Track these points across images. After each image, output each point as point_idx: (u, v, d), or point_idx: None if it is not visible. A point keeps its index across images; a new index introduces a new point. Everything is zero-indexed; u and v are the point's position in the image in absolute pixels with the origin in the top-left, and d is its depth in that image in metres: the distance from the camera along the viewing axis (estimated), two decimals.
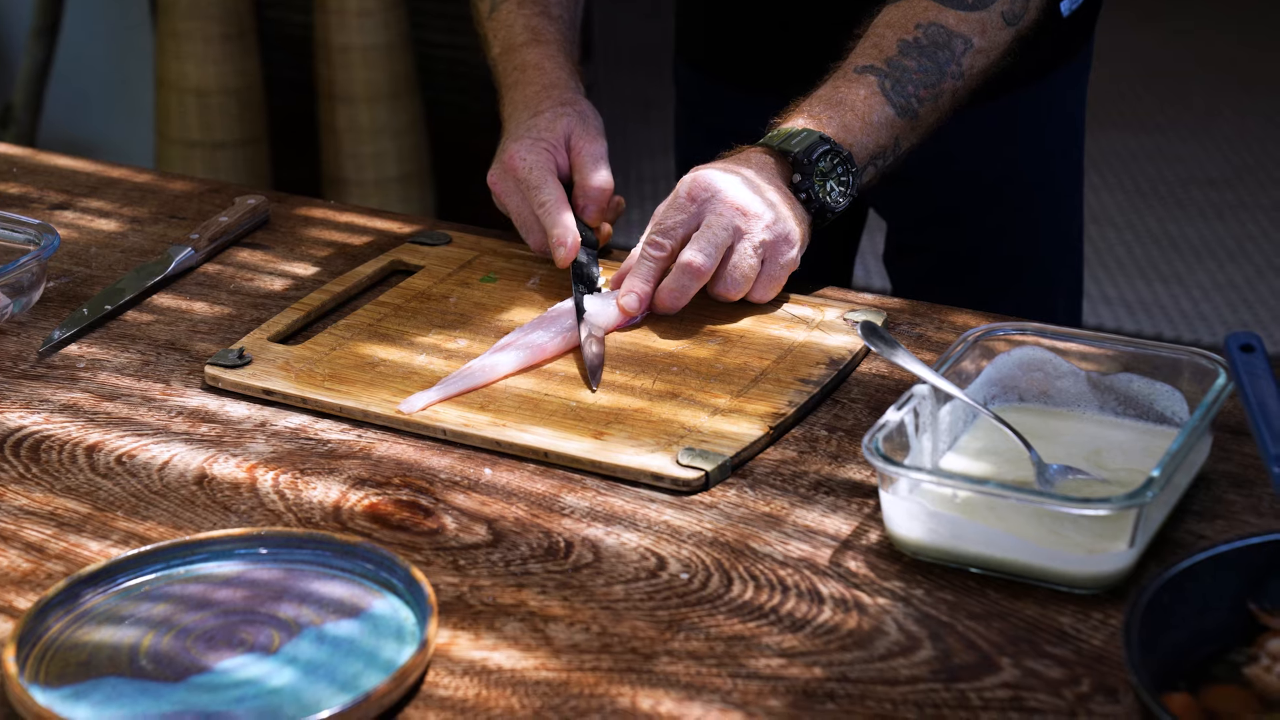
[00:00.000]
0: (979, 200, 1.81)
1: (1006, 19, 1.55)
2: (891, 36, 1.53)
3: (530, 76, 1.64)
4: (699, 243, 1.44)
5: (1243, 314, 3.68)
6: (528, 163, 1.55)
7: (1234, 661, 1.05)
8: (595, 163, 1.58)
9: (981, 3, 1.54)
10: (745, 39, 1.80)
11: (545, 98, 1.61)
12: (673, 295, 1.45)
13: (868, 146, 1.50)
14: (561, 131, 1.58)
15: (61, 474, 1.31)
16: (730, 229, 1.44)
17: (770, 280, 1.47)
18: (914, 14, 1.54)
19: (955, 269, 1.83)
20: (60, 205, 1.77)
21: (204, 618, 1.14)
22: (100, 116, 4.03)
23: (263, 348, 1.45)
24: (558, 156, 1.57)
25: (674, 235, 1.46)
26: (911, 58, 1.52)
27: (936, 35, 1.52)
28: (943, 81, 1.53)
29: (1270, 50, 5.08)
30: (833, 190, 1.48)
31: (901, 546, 1.19)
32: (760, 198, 1.45)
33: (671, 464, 1.28)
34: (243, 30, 3.41)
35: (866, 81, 1.51)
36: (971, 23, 1.53)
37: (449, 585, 1.17)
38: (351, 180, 3.45)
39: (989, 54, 1.55)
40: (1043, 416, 1.31)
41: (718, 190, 1.45)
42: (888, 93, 1.51)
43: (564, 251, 1.52)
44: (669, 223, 1.46)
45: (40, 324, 1.53)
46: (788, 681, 1.08)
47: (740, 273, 1.45)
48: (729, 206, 1.44)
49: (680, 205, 1.46)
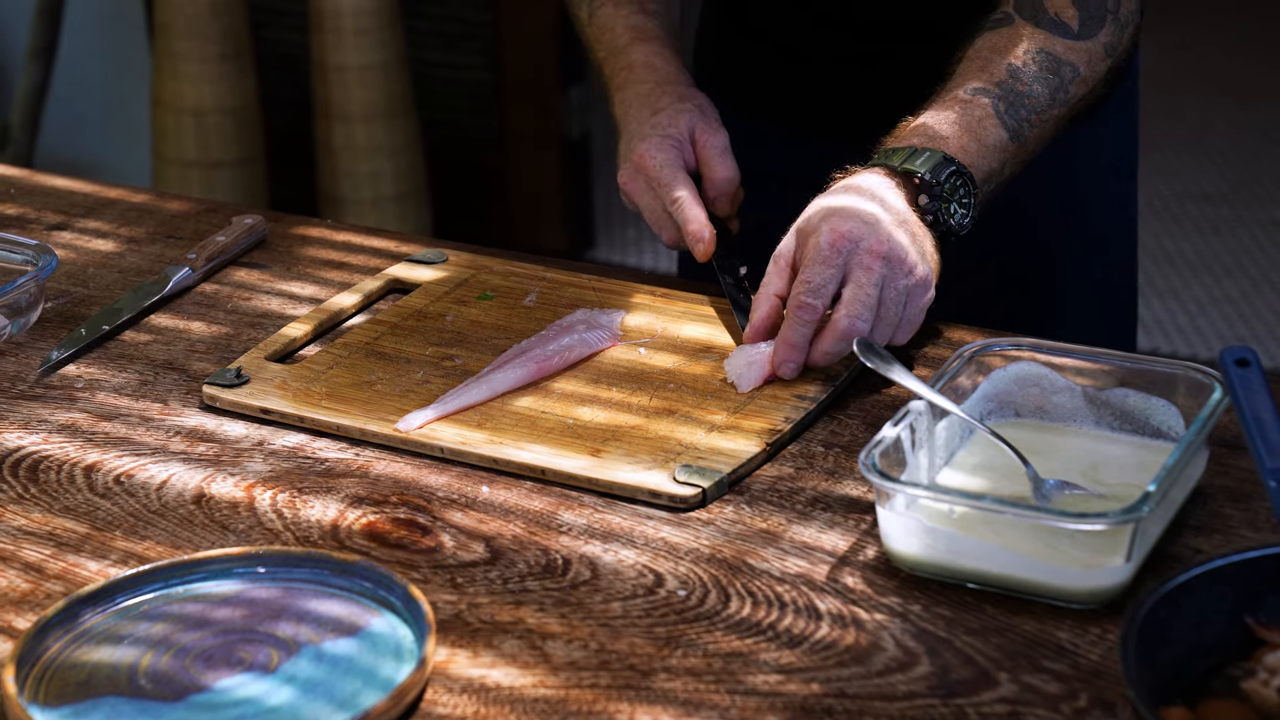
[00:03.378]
0: (1008, 241, 1.74)
1: (1108, 50, 1.53)
2: (1000, 61, 1.50)
3: (641, 75, 1.64)
4: (853, 306, 1.37)
5: (1238, 328, 3.68)
6: (658, 160, 1.56)
7: (1231, 676, 1.05)
8: (721, 155, 1.58)
9: (1088, 33, 1.51)
10: (759, 66, 1.80)
11: (662, 94, 1.61)
12: (828, 359, 1.39)
13: (983, 169, 1.46)
14: (685, 127, 1.58)
15: (60, 494, 1.31)
16: (879, 284, 1.38)
17: (910, 325, 1.41)
18: (1020, 40, 1.51)
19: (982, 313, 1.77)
20: (58, 226, 1.77)
21: (202, 637, 1.14)
22: (97, 137, 4.03)
23: (260, 367, 1.45)
24: (685, 152, 1.58)
25: (824, 295, 1.39)
26: (1023, 82, 1.49)
27: (1045, 62, 1.50)
28: (1052, 108, 1.50)
29: (1265, 65, 5.09)
30: (956, 213, 1.44)
31: (898, 562, 1.19)
32: (904, 240, 1.40)
33: (668, 481, 1.28)
34: (239, 50, 3.42)
35: (980, 104, 1.47)
36: (1079, 52, 1.51)
37: (447, 603, 1.17)
38: (348, 199, 3.45)
39: (1090, 84, 1.53)
40: (1039, 432, 1.31)
41: (860, 239, 1.39)
42: (1001, 115, 1.47)
43: (702, 246, 1.52)
44: (816, 281, 1.39)
45: (38, 344, 1.53)
46: (786, 698, 1.08)
47: (886, 323, 1.39)
48: (876, 258, 1.38)
49: (825, 259, 1.39)
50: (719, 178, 1.58)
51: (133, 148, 3.86)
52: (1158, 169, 4.43)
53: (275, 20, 3.73)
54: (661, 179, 1.56)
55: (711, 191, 1.58)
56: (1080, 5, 1.52)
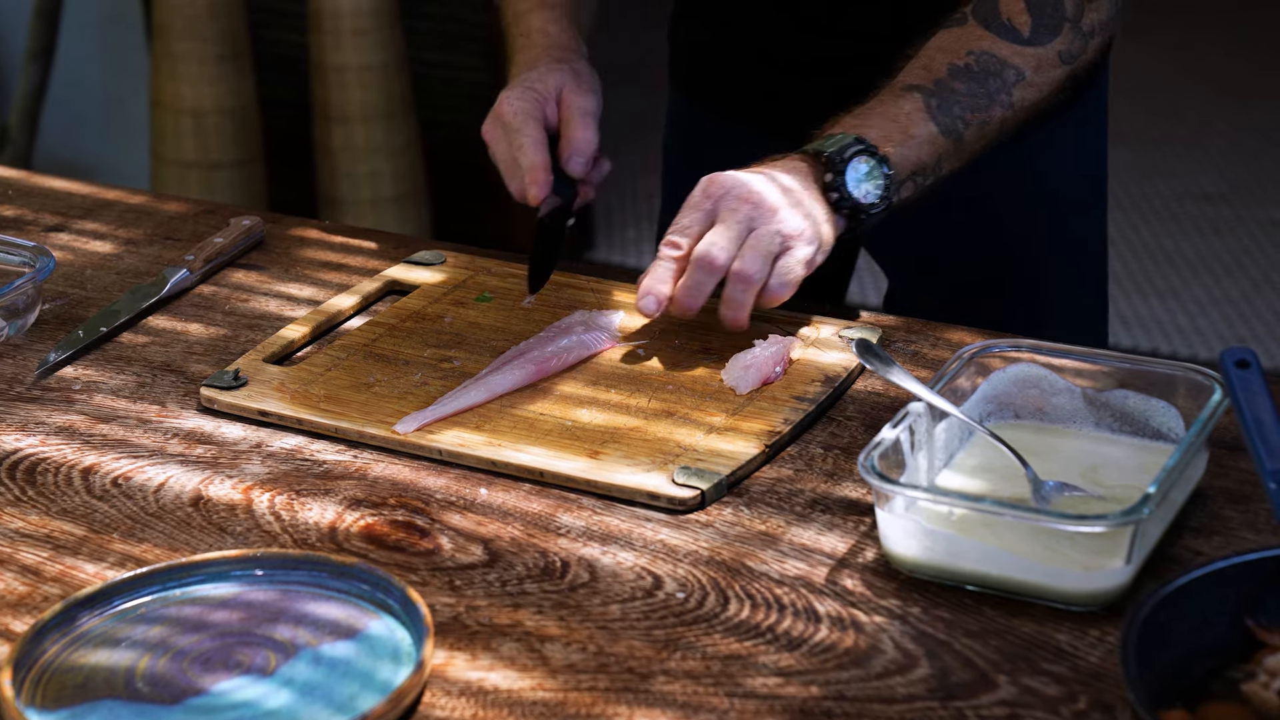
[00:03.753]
0: (982, 241, 1.78)
1: (1063, 58, 1.53)
2: (942, 59, 1.52)
3: (534, 40, 1.66)
4: (712, 236, 1.41)
5: (1238, 328, 3.68)
6: (515, 108, 1.57)
7: (1231, 678, 1.05)
8: (583, 116, 1.58)
9: (1040, 39, 1.52)
10: (735, 70, 1.80)
11: (544, 56, 1.63)
12: (688, 292, 1.41)
13: (909, 158, 1.48)
14: (554, 85, 1.59)
15: (57, 496, 1.31)
16: (746, 220, 1.41)
17: (785, 276, 1.41)
18: (967, 41, 1.52)
19: (958, 314, 1.80)
20: (55, 227, 1.77)
21: (200, 639, 1.14)
22: (96, 138, 4.03)
23: (258, 369, 1.45)
24: (546, 107, 1.58)
25: (690, 233, 1.43)
26: (961, 81, 1.50)
27: (988, 63, 1.51)
28: (991, 109, 1.51)
29: (1264, 64, 5.09)
30: (868, 194, 1.45)
31: (898, 564, 1.19)
32: (779, 192, 1.42)
33: (667, 483, 1.28)
34: (238, 51, 3.42)
35: (912, 98, 1.49)
36: (1026, 56, 1.52)
37: (445, 606, 1.17)
38: (347, 200, 3.45)
39: (1041, 89, 1.53)
40: (1038, 433, 1.31)
41: (733, 185, 1.42)
42: (933, 110, 1.49)
43: (535, 190, 1.53)
44: (684, 221, 1.44)
45: (36, 346, 1.53)
46: (784, 700, 1.07)
47: (756, 257, 1.39)
48: (744, 201, 1.41)
49: (695, 203, 1.44)
50: (576, 137, 1.57)
51: (131, 149, 3.86)
52: (1158, 169, 4.43)
53: (274, 21, 3.72)
54: (514, 124, 1.56)
55: (566, 150, 1.58)
56: (1034, 12, 1.53)
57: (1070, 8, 1.53)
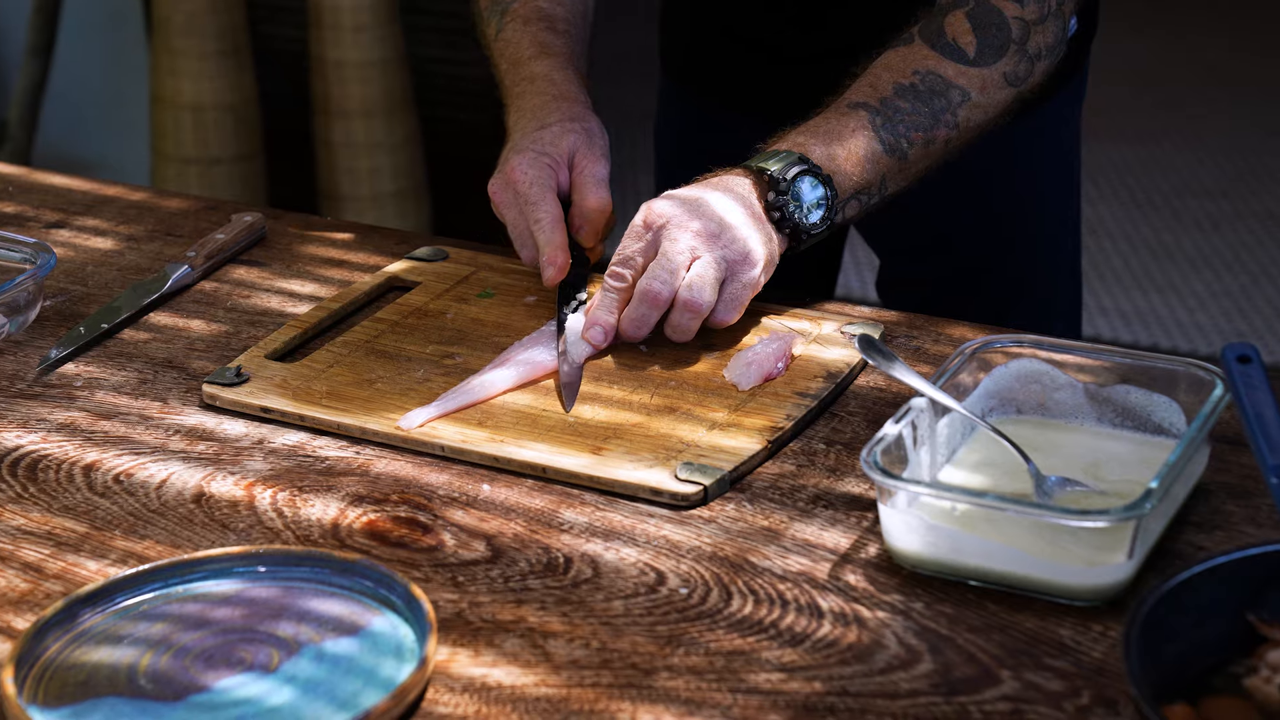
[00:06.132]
0: (972, 227, 1.81)
1: (1009, 79, 1.54)
2: (888, 78, 1.53)
3: (539, 87, 1.63)
4: (655, 269, 1.42)
5: (1239, 323, 3.68)
6: (529, 177, 1.54)
7: (1234, 673, 1.05)
8: (596, 185, 1.56)
9: (985, 60, 1.53)
10: (727, 59, 1.80)
11: (553, 110, 1.60)
12: (633, 324, 1.43)
13: (852, 177, 1.49)
14: (566, 149, 1.57)
15: (59, 493, 1.31)
16: (688, 250, 1.42)
17: (732, 302, 1.44)
18: (913, 60, 1.53)
19: (950, 295, 1.83)
20: (56, 224, 1.77)
21: (202, 636, 1.14)
22: (96, 134, 4.03)
23: (260, 365, 1.45)
24: (559, 173, 1.56)
25: (633, 265, 1.44)
26: (906, 100, 1.51)
27: (934, 83, 1.52)
28: (936, 129, 1.52)
29: (1263, 58, 5.09)
30: (811, 213, 1.47)
31: (900, 560, 1.19)
32: (718, 218, 1.43)
33: (670, 479, 1.28)
34: (238, 46, 3.42)
35: (857, 116, 1.51)
36: (971, 77, 1.53)
37: (448, 602, 1.17)
38: (348, 196, 3.45)
39: (987, 110, 1.55)
40: (1040, 429, 1.31)
41: (672, 215, 1.43)
42: (878, 129, 1.50)
43: (552, 271, 1.51)
44: (627, 252, 1.45)
45: (37, 343, 1.53)
46: (788, 696, 1.08)
47: (698, 290, 1.41)
48: (684, 230, 1.42)
49: (637, 233, 1.45)
50: (589, 206, 1.56)
51: (131, 145, 3.86)
52: (1157, 164, 4.43)
53: (274, 16, 3.72)
54: (529, 197, 1.54)
55: (578, 219, 1.57)
56: (980, 33, 1.53)
57: (1016, 30, 1.54)
